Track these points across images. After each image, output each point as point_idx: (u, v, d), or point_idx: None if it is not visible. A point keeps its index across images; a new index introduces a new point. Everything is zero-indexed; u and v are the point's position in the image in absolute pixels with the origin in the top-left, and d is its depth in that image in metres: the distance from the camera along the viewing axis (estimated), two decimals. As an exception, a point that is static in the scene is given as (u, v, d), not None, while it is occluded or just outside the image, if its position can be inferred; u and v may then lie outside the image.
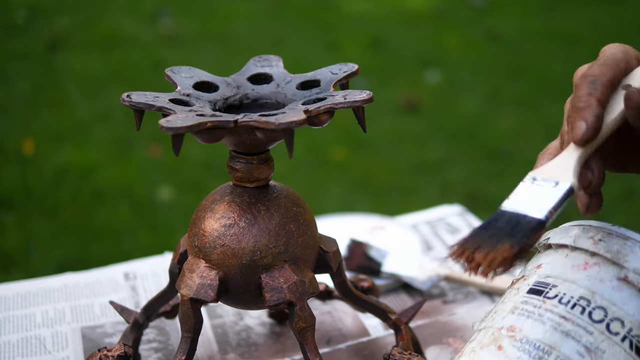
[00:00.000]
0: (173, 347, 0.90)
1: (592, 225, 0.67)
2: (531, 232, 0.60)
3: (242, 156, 0.75)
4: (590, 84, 0.67)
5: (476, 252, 0.60)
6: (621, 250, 0.64)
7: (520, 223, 0.61)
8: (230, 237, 0.74)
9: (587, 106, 0.66)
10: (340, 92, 0.73)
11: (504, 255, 0.59)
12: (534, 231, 0.60)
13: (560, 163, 0.65)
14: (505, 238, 0.60)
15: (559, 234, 0.69)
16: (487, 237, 0.61)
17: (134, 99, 0.71)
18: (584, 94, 0.66)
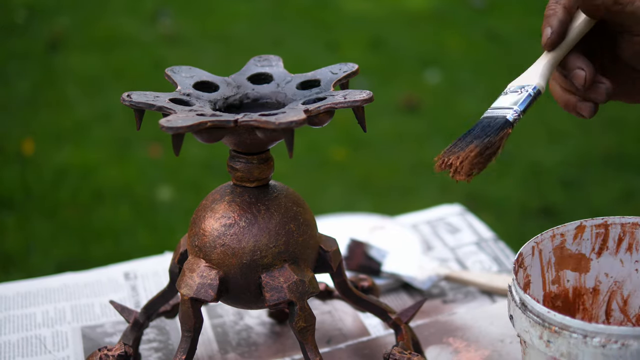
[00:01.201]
0: (173, 347, 0.90)
1: (532, 318, 0.67)
2: (497, 131, 0.67)
3: (242, 156, 0.75)
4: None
5: (451, 157, 0.67)
6: (571, 351, 0.64)
7: (489, 125, 0.68)
8: (231, 237, 0.74)
9: (553, 13, 0.71)
10: (340, 91, 0.73)
11: (472, 154, 0.67)
12: (499, 129, 0.68)
13: (530, 70, 0.71)
14: (474, 140, 0.68)
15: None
16: (463, 143, 0.68)
17: (134, 98, 0.71)
18: (552, 2, 0.72)
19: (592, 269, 0.77)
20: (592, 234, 0.76)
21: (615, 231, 0.76)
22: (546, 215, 2.44)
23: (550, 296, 0.76)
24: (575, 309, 0.77)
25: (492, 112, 0.70)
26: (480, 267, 1.04)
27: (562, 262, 0.76)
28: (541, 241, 0.75)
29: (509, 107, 0.69)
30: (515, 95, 0.70)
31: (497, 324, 0.91)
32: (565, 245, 0.76)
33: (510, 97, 0.70)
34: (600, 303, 0.78)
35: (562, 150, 2.69)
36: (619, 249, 0.76)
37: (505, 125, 0.68)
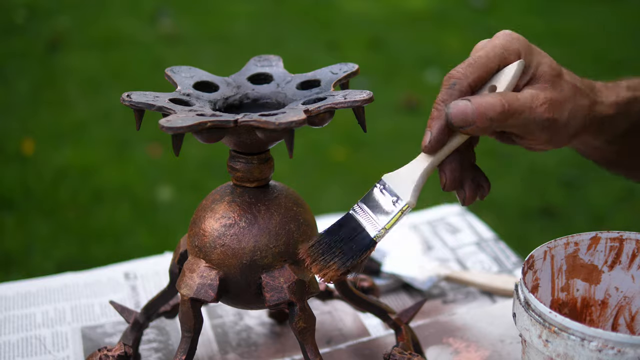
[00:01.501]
0: (173, 347, 0.90)
1: (535, 319, 0.67)
2: (361, 251, 0.69)
3: (242, 156, 0.75)
4: (449, 88, 0.69)
5: (313, 265, 0.69)
6: (568, 353, 0.64)
7: (356, 238, 0.69)
8: (231, 237, 0.74)
9: (437, 116, 0.69)
10: (340, 92, 0.73)
11: (332, 274, 0.69)
12: (364, 250, 0.69)
13: (406, 175, 0.70)
14: (337, 257, 0.69)
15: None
16: (327, 247, 0.69)
17: (134, 98, 0.71)
18: (439, 100, 0.69)
19: (603, 281, 0.77)
20: (607, 247, 0.76)
21: (630, 246, 0.75)
22: (546, 215, 2.44)
23: (558, 303, 0.76)
24: (582, 320, 0.77)
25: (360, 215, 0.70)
26: (481, 267, 1.04)
27: (573, 271, 0.76)
28: (554, 247, 0.75)
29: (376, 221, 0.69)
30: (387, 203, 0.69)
31: (498, 324, 0.91)
32: (578, 254, 0.76)
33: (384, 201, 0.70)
34: (607, 316, 0.77)
35: (562, 150, 2.69)
36: (632, 264, 0.76)
37: (370, 245, 0.69)
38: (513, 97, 0.68)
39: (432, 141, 0.68)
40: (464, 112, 0.67)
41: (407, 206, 0.69)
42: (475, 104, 0.67)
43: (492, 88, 0.69)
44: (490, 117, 0.67)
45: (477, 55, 0.71)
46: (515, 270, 1.03)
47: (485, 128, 0.67)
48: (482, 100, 0.67)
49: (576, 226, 2.35)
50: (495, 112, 0.67)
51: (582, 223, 2.38)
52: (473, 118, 0.67)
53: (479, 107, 0.66)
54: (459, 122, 0.67)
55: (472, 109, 0.67)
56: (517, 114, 0.68)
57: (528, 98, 0.69)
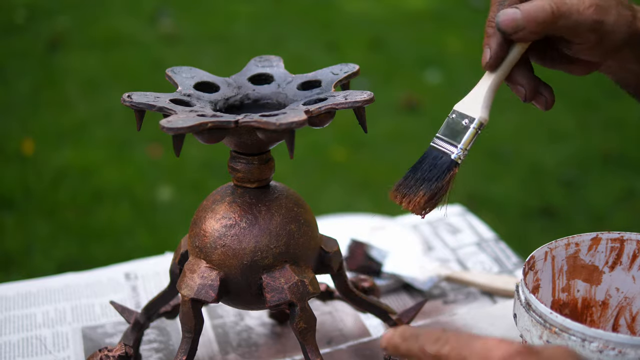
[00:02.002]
0: (174, 348, 0.90)
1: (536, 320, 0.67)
2: (444, 173, 0.70)
3: (243, 156, 0.75)
4: (500, 4, 0.72)
5: (403, 200, 0.71)
6: None
7: (437, 164, 0.71)
8: (231, 238, 0.74)
9: (492, 33, 0.71)
10: (341, 92, 0.73)
11: (421, 201, 0.70)
12: (445, 171, 0.70)
13: (474, 96, 0.72)
14: (423, 184, 0.70)
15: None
16: (413, 181, 0.71)
17: (135, 99, 0.71)
18: (492, 17, 0.71)
19: (604, 282, 0.77)
20: (607, 248, 0.76)
21: (631, 247, 0.76)
22: (546, 215, 2.44)
23: (559, 303, 0.76)
24: (582, 320, 0.77)
25: (439, 144, 0.72)
26: (481, 267, 1.04)
27: (574, 272, 0.76)
28: (555, 248, 0.75)
29: (454, 143, 0.71)
30: (460, 127, 0.72)
31: (498, 324, 0.91)
32: (579, 255, 0.76)
33: (456, 127, 0.72)
34: (608, 317, 0.77)
35: (562, 150, 2.69)
36: (633, 265, 0.76)
37: (451, 166, 0.71)
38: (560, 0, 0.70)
39: (493, 57, 0.71)
40: (514, 18, 0.69)
41: (479, 123, 0.71)
42: (523, 9, 0.69)
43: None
44: (540, 20, 0.69)
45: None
46: (515, 271, 1.03)
47: (537, 31, 0.70)
48: (530, 5, 0.69)
49: (576, 226, 2.35)
50: (545, 14, 0.69)
51: (582, 223, 2.38)
52: (523, 22, 0.69)
53: (528, 11, 0.69)
54: (510, 28, 0.69)
55: (521, 15, 0.69)
56: (566, 15, 0.69)
57: (576, 2, 0.70)
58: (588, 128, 2.80)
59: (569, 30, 0.71)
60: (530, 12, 0.69)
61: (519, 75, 0.73)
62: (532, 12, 0.69)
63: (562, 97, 3.35)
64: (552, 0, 0.70)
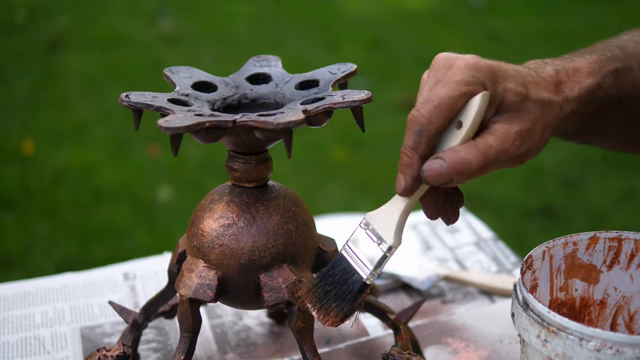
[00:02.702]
0: (172, 347, 0.90)
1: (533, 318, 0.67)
2: (356, 296, 0.70)
3: (240, 156, 0.75)
4: (416, 135, 0.69)
5: (315, 311, 0.71)
6: (566, 353, 0.64)
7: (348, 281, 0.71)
8: (229, 237, 0.74)
9: (408, 164, 0.69)
10: (338, 92, 0.73)
11: (334, 320, 0.70)
12: (358, 294, 0.70)
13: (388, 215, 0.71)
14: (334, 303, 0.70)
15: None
16: (323, 292, 0.71)
17: (132, 99, 0.71)
18: (409, 147, 0.69)
19: (602, 281, 0.77)
20: (605, 247, 0.76)
21: (629, 246, 0.76)
22: (546, 215, 2.44)
23: (557, 302, 0.76)
24: (580, 319, 0.77)
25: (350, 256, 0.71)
26: (480, 267, 1.04)
27: (572, 271, 0.76)
28: (553, 247, 0.75)
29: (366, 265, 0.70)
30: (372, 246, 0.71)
31: (496, 324, 0.91)
32: (577, 254, 0.76)
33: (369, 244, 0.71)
34: (606, 316, 0.78)
35: (562, 150, 2.69)
36: (631, 264, 0.76)
37: (363, 288, 0.70)
38: (485, 145, 0.67)
39: (407, 189, 0.69)
40: (440, 173, 0.67)
41: (392, 249, 0.70)
42: (450, 163, 0.67)
43: (458, 124, 0.68)
44: (467, 175, 0.67)
45: (442, 94, 0.69)
46: (514, 270, 1.03)
47: (463, 182, 0.68)
48: (456, 158, 0.67)
49: (576, 226, 2.35)
50: (471, 169, 0.67)
51: (581, 223, 2.38)
52: (450, 177, 0.67)
53: (455, 167, 0.66)
54: (437, 182, 0.67)
55: (447, 169, 0.67)
56: (493, 162, 0.68)
57: (500, 140, 0.68)
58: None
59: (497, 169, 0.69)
60: (457, 165, 0.66)
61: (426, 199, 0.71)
62: (459, 166, 0.66)
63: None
64: (476, 149, 0.67)
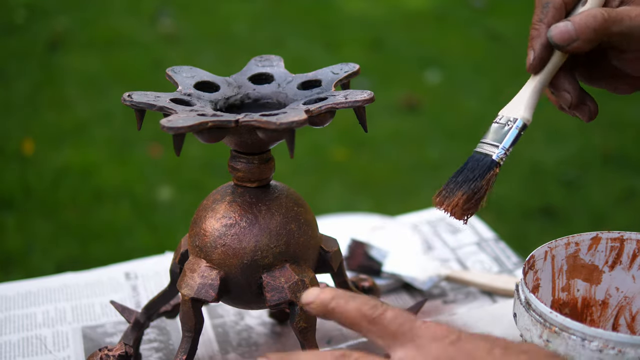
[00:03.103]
0: (174, 347, 0.90)
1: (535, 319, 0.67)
2: (483, 173, 0.70)
3: (243, 156, 0.75)
4: (543, 6, 0.71)
5: (444, 203, 0.70)
6: (568, 353, 0.65)
7: (478, 165, 0.71)
8: (231, 237, 0.74)
9: (536, 35, 0.70)
10: (341, 92, 0.73)
11: (461, 202, 0.69)
12: (485, 171, 0.70)
13: (518, 98, 0.72)
14: (462, 185, 0.70)
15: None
16: (453, 184, 0.69)
17: (135, 98, 0.71)
18: (536, 19, 0.71)
19: (604, 281, 0.77)
20: (607, 247, 0.76)
21: (631, 247, 0.76)
22: (547, 215, 2.44)
23: (559, 303, 0.76)
24: (582, 319, 0.77)
25: (481, 148, 0.72)
26: (481, 267, 1.04)
27: (574, 271, 0.76)
28: (555, 247, 0.75)
29: (496, 143, 0.71)
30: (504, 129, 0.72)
31: (498, 324, 0.91)
32: (579, 255, 0.76)
33: (500, 130, 0.72)
34: (608, 316, 0.78)
35: (562, 150, 2.69)
36: (633, 264, 0.76)
37: (491, 166, 0.70)
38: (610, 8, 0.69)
39: (536, 59, 0.70)
40: (566, 30, 0.68)
41: (522, 123, 0.71)
42: (574, 20, 0.69)
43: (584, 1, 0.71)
44: (593, 28, 0.68)
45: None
46: (515, 270, 1.03)
47: (591, 39, 0.69)
48: (580, 16, 0.69)
49: (576, 226, 2.35)
50: (596, 21, 0.68)
51: (582, 223, 2.38)
52: (577, 33, 0.68)
53: (580, 22, 0.68)
54: (564, 40, 0.69)
55: (572, 26, 0.68)
56: (618, 21, 0.69)
57: (626, 9, 0.70)
58: (588, 128, 2.80)
59: (621, 38, 0.70)
60: (581, 21, 0.69)
61: (564, 81, 0.72)
62: (584, 21, 0.68)
63: (562, 97, 3.29)
64: (601, 8, 0.69)
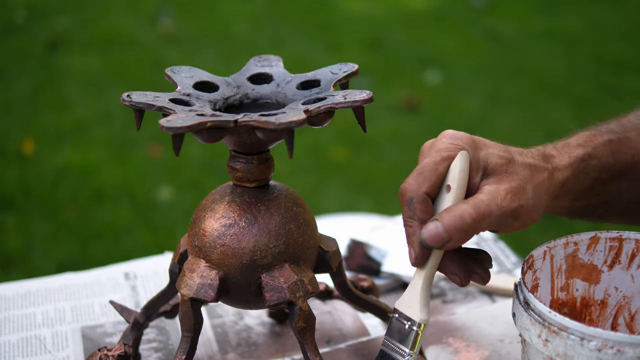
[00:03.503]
0: (173, 347, 0.90)
1: (534, 318, 0.67)
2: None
3: (242, 156, 0.75)
4: (408, 204, 0.70)
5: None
6: (567, 352, 0.65)
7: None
8: (231, 237, 0.74)
9: (412, 233, 0.70)
10: (340, 92, 0.73)
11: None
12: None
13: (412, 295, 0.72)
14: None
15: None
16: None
17: (134, 98, 0.71)
18: (407, 217, 0.70)
19: (603, 281, 0.77)
20: (606, 247, 0.76)
21: (629, 246, 0.76)
22: (546, 215, 2.43)
23: (558, 302, 0.76)
24: (581, 319, 0.77)
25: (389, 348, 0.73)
26: (480, 267, 1.04)
27: (572, 271, 0.76)
28: (554, 247, 0.75)
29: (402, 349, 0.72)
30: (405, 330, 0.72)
31: (497, 324, 0.91)
32: (577, 254, 0.76)
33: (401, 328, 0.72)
34: (607, 316, 0.78)
35: (562, 150, 2.68)
36: (631, 264, 0.76)
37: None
38: (477, 201, 0.69)
39: (418, 257, 0.70)
40: (437, 234, 0.68)
41: (421, 325, 0.72)
42: (445, 223, 0.68)
43: (447, 188, 0.71)
44: (462, 229, 0.68)
45: (424, 163, 0.72)
46: (514, 270, 1.03)
47: (463, 239, 0.69)
48: (450, 217, 0.68)
49: (576, 226, 2.35)
50: (466, 224, 0.68)
51: (581, 223, 2.38)
52: (448, 235, 0.68)
53: (450, 225, 0.68)
54: (437, 242, 0.68)
55: (443, 229, 0.68)
56: (487, 216, 0.69)
57: (491, 195, 0.69)
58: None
59: (494, 226, 0.70)
60: (450, 223, 0.68)
61: (450, 265, 0.72)
62: (453, 223, 0.68)
63: (562, 96, 3.36)
64: (469, 205, 0.69)
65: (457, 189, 0.70)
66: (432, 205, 0.71)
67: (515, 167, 0.72)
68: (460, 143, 0.71)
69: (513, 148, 0.74)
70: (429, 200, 0.70)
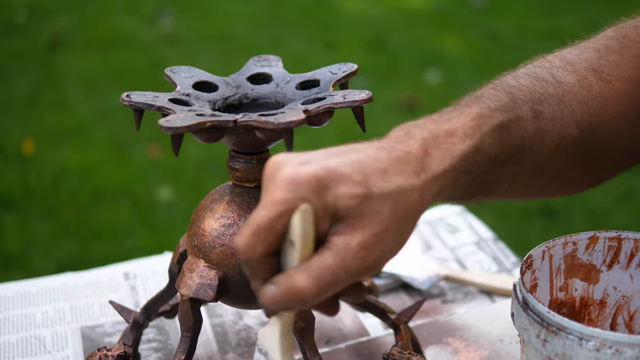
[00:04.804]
0: (173, 347, 0.90)
1: (533, 318, 0.67)
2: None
3: (241, 156, 0.75)
4: (246, 265, 0.60)
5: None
6: (566, 352, 0.65)
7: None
8: (230, 237, 0.74)
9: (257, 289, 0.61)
10: (339, 92, 0.73)
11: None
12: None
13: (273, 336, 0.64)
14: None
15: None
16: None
17: (133, 98, 0.71)
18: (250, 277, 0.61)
19: (602, 280, 0.77)
20: (605, 246, 0.76)
21: (628, 246, 0.76)
22: (546, 215, 2.44)
23: (557, 302, 0.76)
24: (580, 319, 0.77)
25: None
26: (480, 267, 1.04)
27: (571, 270, 0.76)
28: (552, 247, 0.75)
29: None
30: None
31: (497, 324, 0.91)
32: (576, 254, 0.76)
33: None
34: (606, 316, 0.78)
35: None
36: (630, 264, 0.76)
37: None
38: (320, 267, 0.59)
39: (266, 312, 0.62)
40: (275, 301, 0.59)
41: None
42: (282, 290, 0.59)
43: (291, 243, 0.60)
44: (304, 301, 0.59)
45: (259, 219, 0.59)
46: (514, 270, 1.03)
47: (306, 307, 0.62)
48: (287, 285, 0.59)
49: (576, 226, 2.35)
50: (304, 297, 0.59)
51: (581, 223, 2.38)
52: (288, 303, 0.59)
53: (287, 294, 0.59)
54: (277, 309, 0.60)
55: (280, 297, 0.59)
56: (331, 285, 0.59)
57: (339, 255, 0.59)
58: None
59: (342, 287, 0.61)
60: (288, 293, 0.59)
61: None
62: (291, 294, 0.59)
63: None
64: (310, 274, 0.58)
65: (301, 249, 0.59)
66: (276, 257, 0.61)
67: (373, 205, 0.60)
68: (302, 191, 0.59)
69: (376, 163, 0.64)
70: (270, 257, 0.60)
